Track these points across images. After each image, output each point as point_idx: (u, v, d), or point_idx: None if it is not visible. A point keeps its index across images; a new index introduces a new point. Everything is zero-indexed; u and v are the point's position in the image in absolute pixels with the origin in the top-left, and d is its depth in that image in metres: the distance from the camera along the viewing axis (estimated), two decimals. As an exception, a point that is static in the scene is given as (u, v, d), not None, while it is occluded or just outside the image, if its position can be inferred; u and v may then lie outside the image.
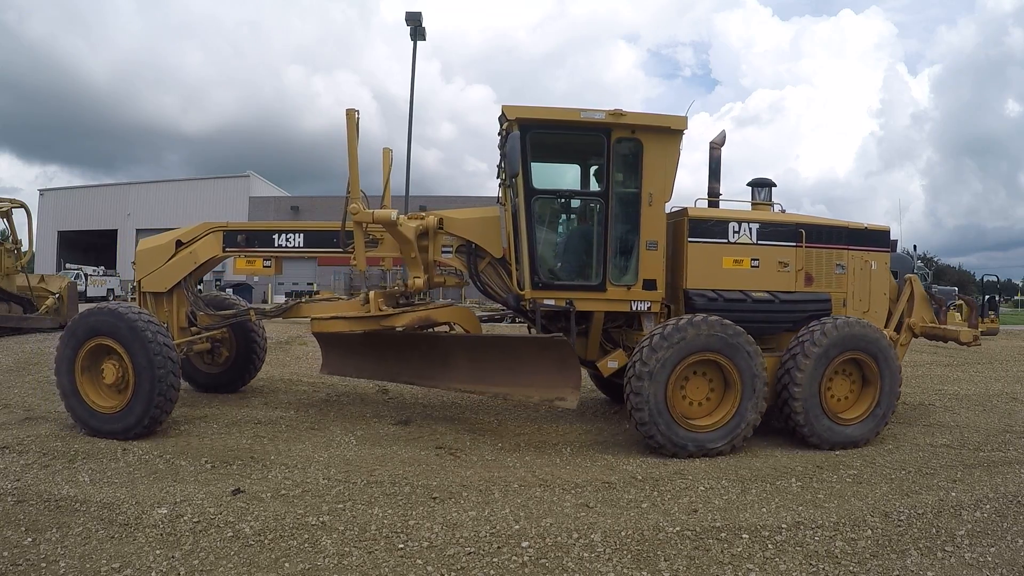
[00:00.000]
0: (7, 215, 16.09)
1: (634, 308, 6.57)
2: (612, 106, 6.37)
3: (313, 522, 4.25)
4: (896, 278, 7.69)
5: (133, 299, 7.56)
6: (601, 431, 7.10)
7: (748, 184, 7.73)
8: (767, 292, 6.67)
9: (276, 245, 7.31)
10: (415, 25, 28.18)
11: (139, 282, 7.29)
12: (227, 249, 7.32)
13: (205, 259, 7.27)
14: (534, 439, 6.66)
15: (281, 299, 40.53)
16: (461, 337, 7.43)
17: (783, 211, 7.40)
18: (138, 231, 46.92)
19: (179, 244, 7.26)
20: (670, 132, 6.46)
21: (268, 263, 7.39)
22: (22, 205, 16.54)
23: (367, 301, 7.02)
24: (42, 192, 49.87)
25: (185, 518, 4.25)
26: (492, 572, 3.69)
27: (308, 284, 41.48)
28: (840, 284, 7.01)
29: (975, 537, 4.27)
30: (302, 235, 7.33)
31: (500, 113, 6.53)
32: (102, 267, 42.30)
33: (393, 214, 6.65)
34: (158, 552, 3.81)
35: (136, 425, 6.16)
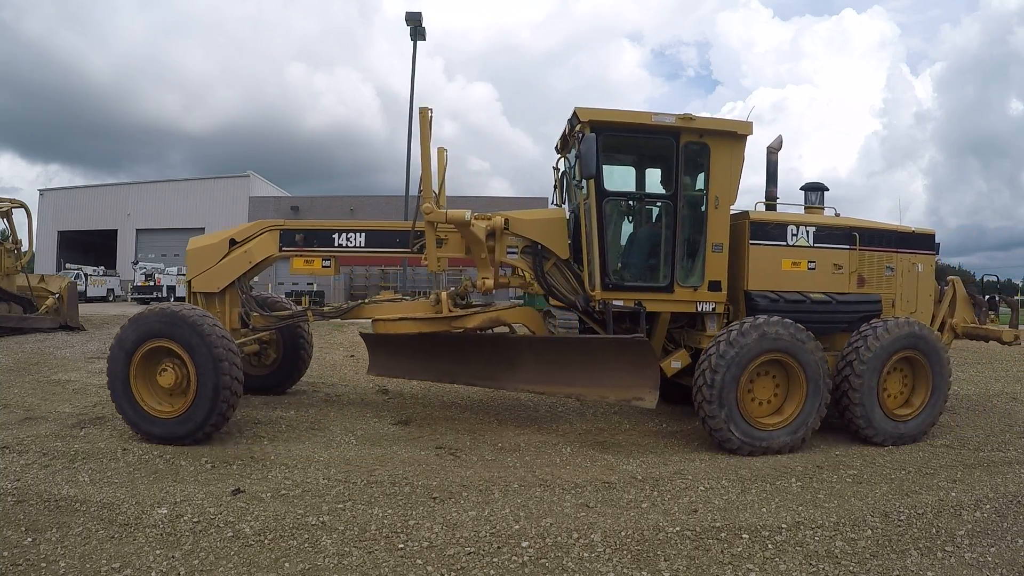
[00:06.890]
0: (7, 215, 16.12)
1: (699, 309, 6.72)
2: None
3: (313, 522, 4.25)
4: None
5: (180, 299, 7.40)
6: (601, 431, 7.10)
7: (801, 188, 7.91)
8: (824, 293, 6.84)
9: (336, 245, 7.16)
10: (415, 25, 28.21)
11: (189, 282, 7.14)
12: (284, 248, 7.16)
13: (260, 258, 7.10)
14: (534, 439, 6.66)
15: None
16: (528, 338, 7.28)
17: (837, 214, 7.51)
18: (138, 231, 46.92)
19: (232, 243, 7.08)
20: (736, 137, 6.60)
21: (327, 263, 7.25)
22: (22, 205, 16.57)
23: (437, 302, 6.90)
24: (42, 192, 49.82)
25: (185, 518, 4.25)
26: (492, 572, 3.68)
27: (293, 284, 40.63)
28: (889, 286, 7.24)
29: (975, 537, 4.27)
30: (363, 234, 7.17)
31: (571, 114, 6.56)
32: (102, 267, 42.25)
33: (467, 214, 6.55)
34: (158, 552, 3.81)
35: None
